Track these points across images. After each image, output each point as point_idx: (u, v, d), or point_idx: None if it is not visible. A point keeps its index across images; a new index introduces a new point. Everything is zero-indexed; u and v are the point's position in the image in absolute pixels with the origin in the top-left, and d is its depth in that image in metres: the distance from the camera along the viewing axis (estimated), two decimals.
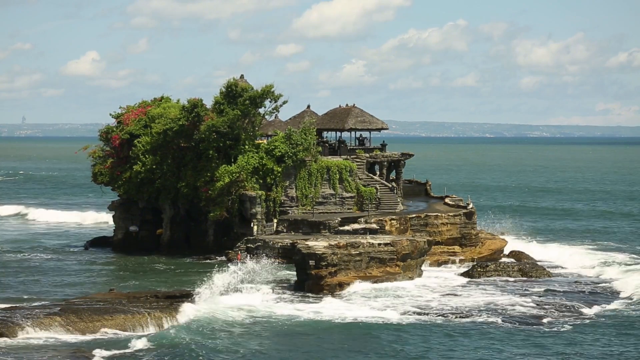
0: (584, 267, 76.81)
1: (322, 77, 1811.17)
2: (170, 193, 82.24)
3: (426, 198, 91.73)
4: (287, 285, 65.69)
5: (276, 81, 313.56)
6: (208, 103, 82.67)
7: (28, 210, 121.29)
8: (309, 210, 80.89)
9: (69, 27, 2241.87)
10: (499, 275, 70.78)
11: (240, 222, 79.50)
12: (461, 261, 77.73)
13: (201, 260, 77.72)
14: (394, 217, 79.12)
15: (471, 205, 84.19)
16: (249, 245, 76.45)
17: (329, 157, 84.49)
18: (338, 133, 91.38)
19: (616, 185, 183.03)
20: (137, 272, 72.64)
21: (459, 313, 56.50)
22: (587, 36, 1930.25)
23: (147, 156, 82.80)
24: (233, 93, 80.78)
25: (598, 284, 68.04)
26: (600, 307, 58.96)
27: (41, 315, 50.51)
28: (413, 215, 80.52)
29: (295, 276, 66.13)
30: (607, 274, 72.19)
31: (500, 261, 76.47)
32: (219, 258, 76.99)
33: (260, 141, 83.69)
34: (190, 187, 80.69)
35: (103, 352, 45.85)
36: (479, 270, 71.57)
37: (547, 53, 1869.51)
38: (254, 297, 59.35)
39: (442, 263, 77.29)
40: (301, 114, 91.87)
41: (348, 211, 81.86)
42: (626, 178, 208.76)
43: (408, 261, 68.11)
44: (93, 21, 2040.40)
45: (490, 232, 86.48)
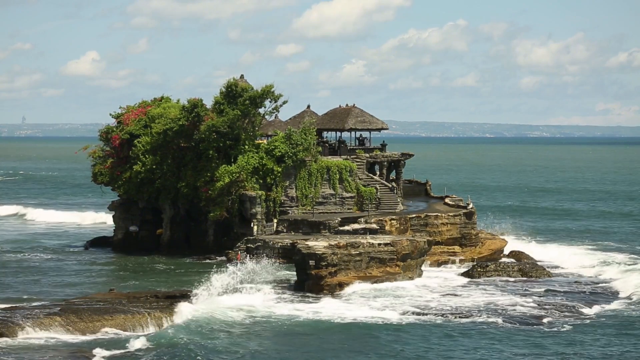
0: (584, 267, 76.82)
1: (322, 77, 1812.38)
2: (170, 193, 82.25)
3: (426, 198, 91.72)
4: (287, 285, 65.65)
5: (276, 81, 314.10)
6: (208, 103, 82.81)
7: (28, 210, 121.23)
8: (309, 210, 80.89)
9: (69, 27, 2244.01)
10: (499, 275, 70.79)
11: (240, 222, 79.50)
12: (461, 261, 77.73)
13: (201, 260, 77.71)
14: (394, 217, 79.12)
15: (471, 205, 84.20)
16: (249, 245, 76.46)
17: (329, 157, 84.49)
18: (338, 133, 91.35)
19: (616, 185, 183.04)
20: (137, 272, 72.65)
21: (459, 313, 56.47)
22: (587, 36, 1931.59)
23: (147, 156, 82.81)
24: (233, 93, 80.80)
25: (598, 284, 68.05)
26: (600, 307, 58.98)
27: (41, 315, 50.50)
28: (413, 215, 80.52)
29: (295, 276, 66.10)
30: (607, 274, 72.18)
31: (500, 261, 76.46)
32: (219, 258, 76.99)
33: (260, 141, 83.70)
34: (190, 187, 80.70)
35: (103, 352, 45.84)
36: (479, 270, 71.57)
37: (547, 53, 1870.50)
38: (254, 297, 59.27)
39: (442, 263, 77.29)
40: (301, 114, 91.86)
41: (348, 211, 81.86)
42: (626, 178, 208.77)
43: (408, 261, 68.11)
44: (93, 21, 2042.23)
45: (490, 232, 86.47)
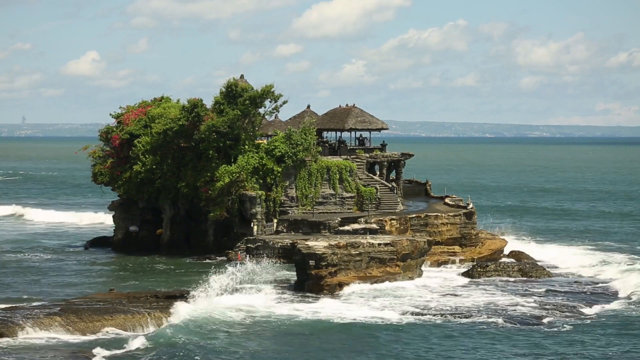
0: (584, 267, 76.79)
1: (322, 77, 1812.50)
2: (170, 193, 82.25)
3: (426, 198, 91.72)
4: (287, 285, 65.63)
5: (276, 81, 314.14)
6: (208, 103, 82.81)
7: (28, 210, 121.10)
8: (309, 210, 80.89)
9: (69, 27, 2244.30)
10: (499, 275, 70.79)
11: (240, 222, 79.50)
12: (461, 261, 77.73)
13: (201, 260, 77.67)
14: (394, 217, 79.13)
15: (471, 205, 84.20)
16: (249, 245, 76.48)
17: (329, 157, 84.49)
18: (338, 133, 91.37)
19: (616, 185, 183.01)
20: (137, 272, 72.64)
21: (459, 313, 56.45)
22: (587, 36, 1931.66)
23: (147, 156, 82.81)
24: (233, 93, 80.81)
25: (598, 284, 68.05)
26: (600, 307, 58.97)
27: (41, 315, 50.51)
28: (413, 215, 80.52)
29: (295, 276, 66.09)
30: (607, 274, 72.14)
31: (500, 261, 76.47)
32: (219, 258, 77.00)
33: (260, 141, 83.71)
34: (190, 187, 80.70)
35: (103, 352, 45.83)
36: (479, 270, 71.57)
37: (547, 53, 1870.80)
38: (254, 297, 59.25)
39: (442, 263, 77.29)
40: (301, 114, 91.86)
41: (348, 211, 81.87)
42: (626, 178, 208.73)
43: (408, 261, 68.11)
44: (93, 21, 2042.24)
45: (490, 232, 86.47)
